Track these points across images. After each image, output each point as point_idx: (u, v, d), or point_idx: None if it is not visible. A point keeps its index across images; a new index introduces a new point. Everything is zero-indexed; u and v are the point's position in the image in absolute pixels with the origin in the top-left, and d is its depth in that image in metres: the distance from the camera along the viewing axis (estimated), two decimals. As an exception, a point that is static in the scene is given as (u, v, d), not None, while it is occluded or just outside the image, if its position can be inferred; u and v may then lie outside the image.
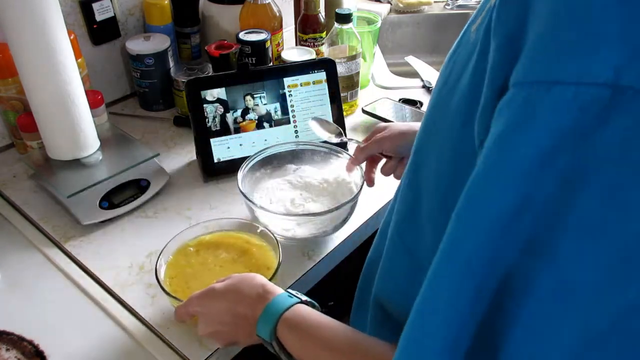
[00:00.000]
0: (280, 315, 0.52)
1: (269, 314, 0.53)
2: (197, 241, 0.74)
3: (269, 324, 0.52)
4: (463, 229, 0.31)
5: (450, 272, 0.32)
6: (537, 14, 0.28)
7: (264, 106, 0.94)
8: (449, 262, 0.32)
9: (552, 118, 0.26)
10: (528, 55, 0.28)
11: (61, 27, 0.77)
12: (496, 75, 0.30)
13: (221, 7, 1.13)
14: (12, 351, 0.64)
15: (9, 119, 0.94)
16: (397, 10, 1.52)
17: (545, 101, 0.26)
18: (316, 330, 0.50)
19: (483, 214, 0.30)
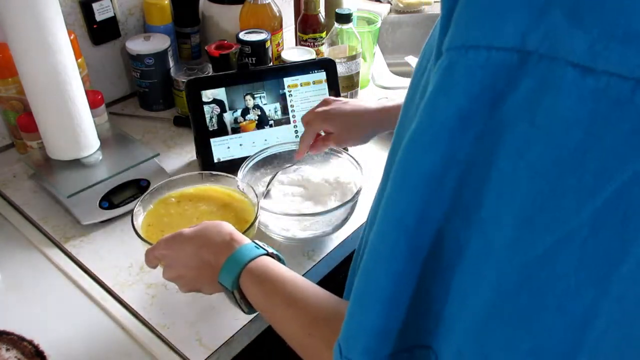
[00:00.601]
0: (245, 265, 0.52)
1: (234, 262, 0.52)
2: (180, 193, 0.75)
3: (232, 273, 0.52)
4: (397, 188, 0.33)
5: (386, 229, 0.34)
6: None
7: (264, 106, 0.94)
8: (385, 220, 0.34)
9: (468, 81, 0.28)
10: (454, 22, 0.30)
11: (61, 27, 0.77)
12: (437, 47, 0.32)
13: (221, 7, 1.13)
14: (12, 351, 0.64)
15: (9, 119, 0.94)
16: (397, 10, 1.52)
17: (462, 65, 0.28)
18: (280, 284, 0.50)
19: (413, 173, 0.31)
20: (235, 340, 0.68)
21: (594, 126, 0.26)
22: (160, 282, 0.74)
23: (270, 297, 0.50)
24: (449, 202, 0.31)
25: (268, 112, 0.94)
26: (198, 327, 0.68)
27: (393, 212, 0.33)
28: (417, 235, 0.33)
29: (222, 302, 0.71)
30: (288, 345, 0.58)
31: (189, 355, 0.65)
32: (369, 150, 1.00)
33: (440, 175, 0.31)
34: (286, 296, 0.50)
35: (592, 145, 0.26)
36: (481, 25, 0.28)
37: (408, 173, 0.32)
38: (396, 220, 0.33)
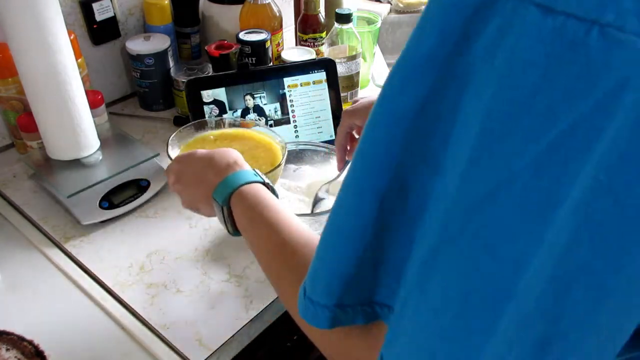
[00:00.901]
0: (239, 186, 0.55)
1: (229, 181, 0.56)
2: (220, 133, 0.80)
3: (225, 190, 0.55)
4: (370, 128, 0.33)
5: (356, 167, 0.34)
6: None
7: (264, 106, 0.94)
8: (355, 159, 0.34)
9: (440, 20, 0.28)
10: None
11: (61, 27, 0.77)
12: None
13: (221, 7, 1.13)
14: (12, 351, 0.64)
15: (9, 119, 0.94)
16: (397, 10, 1.52)
17: (436, 4, 0.28)
18: (263, 207, 0.53)
19: (385, 109, 0.32)
20: (235, 340, 0.68)
21: (548, 67, 0.25)
22: (160, 282, 0.74)
23: (253, 220, 0.53)
24: (418, 147, 0.31)
25: (268, 112, 0.94)
26: (198, 327, 0.68)
27: (363, 149, 0.33)
28: (383, 177, 0.32)
29: (222, 302, 0.71)
30: (288, 345, 0.58)
31: (189, 355, 0.65)
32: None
33: (411, 116, 0.30)
34: (266, 219, 0.52)
35: (543, 87, 0.26)
36: None
37: (382, 110, 0.32)
38: (365, 158, 0.33)
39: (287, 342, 0.87)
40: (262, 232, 0.52)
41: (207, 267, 0.76)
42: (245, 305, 0.71)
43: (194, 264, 0.76)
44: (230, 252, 0.79)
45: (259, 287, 0.73)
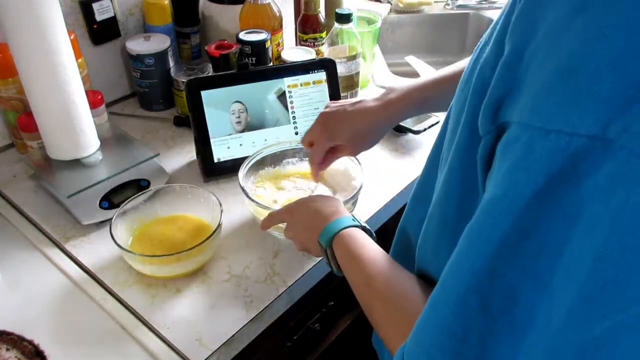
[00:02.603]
0: (340, 230, 0.61)
1: (332, 227, 0.62)
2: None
3: (327, 235, 0.61)
4: (469, 246, 0.35)
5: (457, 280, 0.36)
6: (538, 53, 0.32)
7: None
8: (457, 271, 0.36)
9: (548, 161, 0.30)
10: (532, 97, 0.32)
11: (61, 27, 0.77)
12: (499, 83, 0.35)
13: (221, 7, 1.13)
14: (12, 351, 0.64)
15: (9, 119, 0.94)
16: (397, 10, 1.52)
17: (543, 146, 0.31)
18: (360, 248, 0.58)
19: (486, 236, 0.34)
20: (235, 340, 0.68)
21: None
22: (160, 282, 0.74)
23: (350, 261, 0.58)
24: (522, 267, 0.33)
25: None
26: (198, 327, 0.68)
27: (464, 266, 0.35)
28: (488, 292, 0.34)
29: (222, 302, 0.71)
30: (288, 345, 0.58)
31: (189, 355, 0.65)
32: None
33: (514, 242, 0.33)
34: (357, 261, 0.57)
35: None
36: (564, 112, 0.30)
37: (481, 235, 0.34)
38: (468, 273, 0.35)
39: (287, 342, 0.87)
40: (354, 267, 0.57)
41: (207, 267, 0.76)
42: (245, 305, 0.71)
43: (194, 264, 0.76)
44: (230, 252, 0.79)
45: (259, 287, 0.73)
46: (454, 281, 0.36)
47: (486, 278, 0.34)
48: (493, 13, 1.52)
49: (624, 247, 0.29)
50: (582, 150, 0.29)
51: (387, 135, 1.03)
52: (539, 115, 0.31)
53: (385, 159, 0.99)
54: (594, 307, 0.30)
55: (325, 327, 0.97)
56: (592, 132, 0.29)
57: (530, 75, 0.32)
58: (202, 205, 0.80)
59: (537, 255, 0.32)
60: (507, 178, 0.33)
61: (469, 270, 0.35)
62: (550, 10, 0.32)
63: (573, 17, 0.30)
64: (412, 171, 0.95)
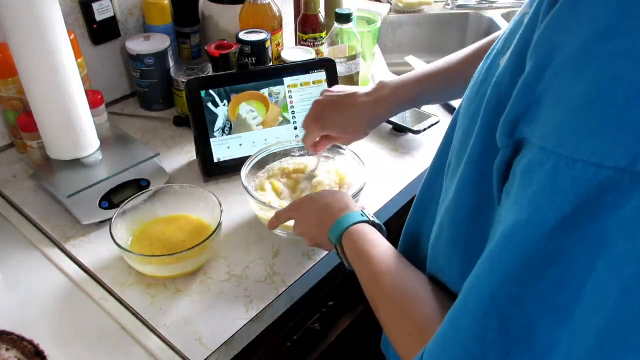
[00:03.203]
0: (348, 226, 0.61)
1: (341, 223, 0.62)
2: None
3: (337, 231, 0.62)
4: (489, 269, 0.35)
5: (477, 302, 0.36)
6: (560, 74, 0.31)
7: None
8: (477, 293, 0.36)
9: (574, 191, 0.30)
10: (557, 123, 0.31)
11: (61, 27, 0.77)
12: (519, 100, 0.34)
13: (221, 7, 1.13)
14: (12, 351, 0.64)
15: (9, 119, 0.94)
16: (397, 10, 1.52)
17: (568, 175, 0.30)
18: (369, 245, 0.58)
19: (507, 259, 0.34)
20: (235, 340, 0.68)
21: None
22: (160, 282, 0.74)
23: (358, 255, 0.58)
24: (543, 296, 0.32)
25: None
26: (198, 327, 0.68)
27: (484, 289, 0.35)
28: (508, 317, 0.34)
29: (222, 302, 0.71)
30: (288, 345, 0.58)
31: (189, 355, 0.65)
32: (368, 148, 1.00)
33: (536, 270, 0.32)
34: (367, 256, 0.57)
35: None
36: (592, 142, 0.29)
37: (502, 260, 0.34)
38: (488, 297, 0.35)
39: (287, 342, 0.87)
40: (363, 264, 0.57)
41: (207, 267, 0.76)
42: (245, 305, 0.71)
43: (194, 264, 0.76)
44: (230, 252, 0.79)
45: (259, 287, 0.73)
46: (473, 302, 0.36)
47: (506, 303, 0.34)
48: (493, 13, 1.52)
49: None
50: (609, 183, 0.29)
51: (387, 135, 1.04)
52: (565, 143, 0.30)
53: (385, 159, 0.99)
54: (619, 342, 0.30)
55: (325, 327, 0.97)
56: (621, 164, 0.28)
57: (552, 96, 0.32)
58: (202, 205, 0.80)
59: (559, 286, 0.32)
60: (531, 204, 0.32)
61: (489, 294, 0.35)
62: (576, 31, 0.31)
63: (600, 42, 0.29)
64: (412, 171, 0.95)
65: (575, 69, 0.31)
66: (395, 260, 0.55)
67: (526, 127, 0.33)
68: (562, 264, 0.31)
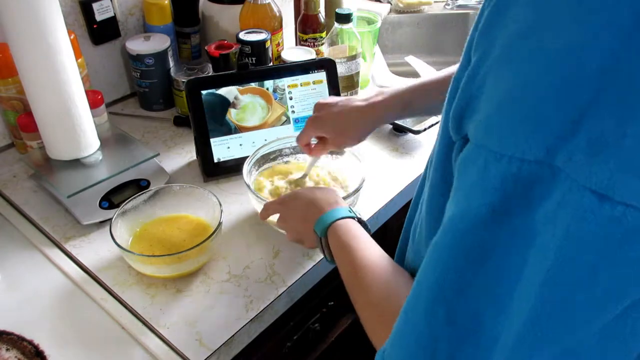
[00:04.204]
0: (336, 220, 0.63)
1: (329, 216, 0.63)
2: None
3: (325, 223, 0.63)
4: (434, 261, 0.36)
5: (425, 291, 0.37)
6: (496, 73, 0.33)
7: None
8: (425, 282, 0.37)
9: (501, 184, 0.31)
10: (485, 118, 0.33)
11: (61, 27, 0.77)
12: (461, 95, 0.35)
13: (221, 7, 1.13)
14: (12, 351, 0.64)
15: (9, 119, 0.94)
16: (397, 10, 1.52)
17: (496, 169, 0.31)
18: (350, 238, 0.60)
19: (450, 256, 0.35)
20: (235, 340, 0.68)
21: (608, 250, 0.28)
22: (160, 282, 0.74)
23: (340, 248, 0.60)
24: (484, 287, 0.33)
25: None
26: (198, 327, 0.68)
27: (431, 278, 0.36)
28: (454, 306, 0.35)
29: (222, 302, 0.71)
30: (288, 345, 0.58)
31: (189, 355, 0.65)
32: (368, 148, 1.00)
33: (475, 261, 0.33)
34: (348, 250, 0.58)
35: (604, 266, 0.29)
36: (513, 137, 0.31)
37: (444, 252, 0.35)
38: (435, 286, 0.36)
39: (287, 342, 0.87)
40: (345, 256, 0.58)
41: (207, 267, 0.76)
42: (245, 305, 0.71)
43: (194, 264, 0.76)
44: (230, 252, 0.79)
45: (259, 287, 0.73)
46: (424, 293, 0.37)
47: (452, 293, 0.35)
48: (493, 13, 1.52)
49: (566, 275, 0.30)
50: (533, 176, 0.30)
51: (387, 135, 1.04)
52: (491, 137, 0.32)
53: (385, 159, 0.99)
54: (541, 332, 0.31)
55: (325, 327, 0.97)
56: (539, 157, 0.29)
57: (485, 93, 0.33)
58: (202, 205, 0.80)
59: (497, 277, 0.33)
60: (465, 198, 0.34)
61: (436, 284, 0.36)
62: (502, 31, 0.32)
63: (520, 41, 0.31)
64: (412, 171, 0.95)
65: (499, 66, 0.32)
66: (376, 255, 0.56)
67: (468, 121, 0.35)
68: (499, 256, 0.32)
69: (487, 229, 0.32)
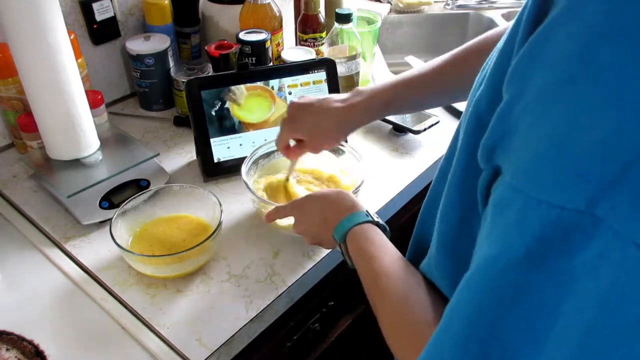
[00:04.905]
0: (354, 225, 0.62)
1: (346, 222, 0.62)
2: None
3: (343, 230, 0.62)
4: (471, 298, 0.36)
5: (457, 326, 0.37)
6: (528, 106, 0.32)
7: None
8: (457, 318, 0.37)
9: (540, 229, 0.31)
10: (525, 162, 0.32)
11: (61, 27, 0.77)
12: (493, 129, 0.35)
13: (221, 7, 1.13)
14: (12, 351, 0.64)
15: (9, 119, 0.94)
16: (397, 10, 1.52)
17: (535, 214, 0.31)
18: (371, 245, 0.59)
19: (484, 295, 0.35)
20: (235, 340, 0.68)
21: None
22: (160, 282, 0.74)
23: (361, 258, 0.59)
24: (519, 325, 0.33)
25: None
26: (198, 327, 0.68)
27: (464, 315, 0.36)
28: (487, 343, 0.35)
29: (222, 302, 0.71)
30: (288, 345, 0.58)
31: (189, 355, 0.65)
32: (368, 148, 1.00)
33: (510, 300, 0.33)
34: (368, 257, 0.57)
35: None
36: (554, 185, 0.30)
37: (478, 291, 0.35)
38: (467, 323, 0.36)
39: (287, 342, 0.87)
40: (365, 264, 0.57)
41: (207, 267, 0.76)
42: (245, 305, 0.71)
43: (194, 264, 0.76)
44: (230, 252, 0.79)
45: (259, 287, 0.73)
46: (455, 326, 0.37)
47: (485, 330, 0.35)
48: (493, 13, 1.52)
49: (610, 326, 0.30)
50: (573, 224, 0.30)
51: (387, 135, 1.04)
52: (531, 183, 0.32)
53: (385, 159, 0.99)
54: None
55: (325, 327, 0.97)
56: (580, 207, 0.29)
57: (521, 132, 0.33)
58: (202, 205, 0.80)
59: (533, 315, 0.33)
60: (502, 239, 0.34)
61: (468, 320, 0.36)
62: (540, 71, 0.32)
63: (562, 88, 0.30)
64: (411, 171, 0.95)
65: (540, 109, 0.31)
66: (396, 262, 0.55)
67: (501, 155, 0.34)
68: (535, 295, 0.32)
69: (523, 270, 0.32)
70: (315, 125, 0.74)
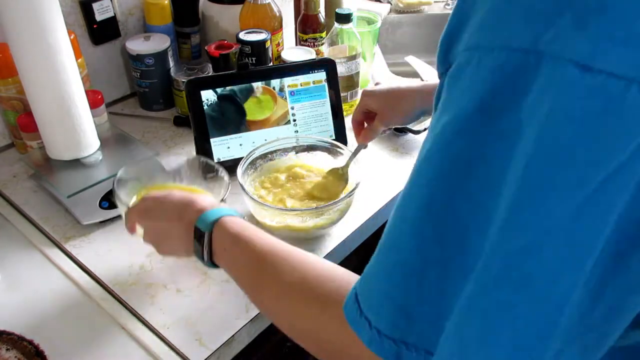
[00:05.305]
0: (223, 216, 0.58)
1: (214, 212, 0.59)
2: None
3: (210, 218, 0.58)
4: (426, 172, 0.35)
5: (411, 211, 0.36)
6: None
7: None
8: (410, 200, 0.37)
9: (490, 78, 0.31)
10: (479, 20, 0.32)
11: (61, 27, 0.77)
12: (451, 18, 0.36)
13: (221, 7, 1.13)
14: (12, 351, 0.64)
15: (9, 119, 0.94)
16: (397, 10, 1.52)
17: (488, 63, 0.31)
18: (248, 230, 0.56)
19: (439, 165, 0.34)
20: (235, 340, 0.68)
21: (586, 121, 0.28)
22: (160, 282, 0.74)
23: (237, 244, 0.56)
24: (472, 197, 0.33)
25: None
26: (198, 327, 0.68)
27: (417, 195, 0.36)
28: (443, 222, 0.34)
29: (222, 302, 0.71)
30: (288, 345, 0.58)
31: (189, 355, 0.65)
32: (368, 147, 1.00)
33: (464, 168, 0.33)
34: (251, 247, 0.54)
35: (583, 139, 0.28)
36: (505, 28, 0.30)
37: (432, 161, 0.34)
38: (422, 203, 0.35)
39: (287, 342, 0.87)
40: (243, 248, 0.55)
41: (207, 267, 0.76)
42: (245, 305, 0.71)
43: (193, 264, 0.76)
44: (230, 252, 0.79)
45: (259, 287, 0.73)
46: (408, 213, 0.36)
47: (440, 206, 0.34)
48: (493, 13, 1.52)
49: (547, 154, 0.29)
50: (519, 66, 0.29)
51: (387, 135, 1.04)
52: (485, 34, 0.32)
53: (385, 159, 0.99)
54: (522, 216, 0.30)
55: (325, 327, 0.97)
56: (525, 45, 0.29)
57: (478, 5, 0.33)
58: None
59: (483, 184, 0.32)
60: (456, 102, 0.33)
61: (422, 199, 0.35)
62: None
63: None
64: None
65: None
66: (279, 242, 0.54)
67: (457, 48, 0.34)
68: (485, 161, 0.32)
69: (475, 128, 0.32)
70: (391, 97, 0.82)
